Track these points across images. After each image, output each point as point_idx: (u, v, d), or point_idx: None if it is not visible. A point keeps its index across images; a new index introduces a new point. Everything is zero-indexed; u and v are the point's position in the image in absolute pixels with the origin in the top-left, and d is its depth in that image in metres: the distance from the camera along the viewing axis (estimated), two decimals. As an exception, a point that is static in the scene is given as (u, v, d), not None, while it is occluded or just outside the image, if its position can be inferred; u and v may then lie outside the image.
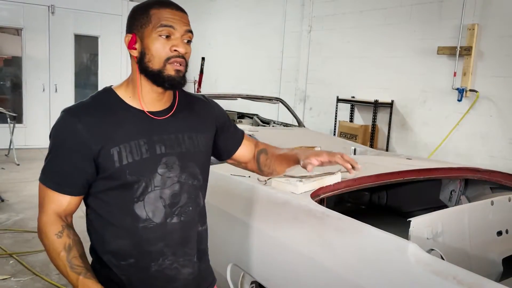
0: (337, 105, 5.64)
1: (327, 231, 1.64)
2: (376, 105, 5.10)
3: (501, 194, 2.34)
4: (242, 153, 1.51)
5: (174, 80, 1.21)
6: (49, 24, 7.98)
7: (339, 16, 5.81)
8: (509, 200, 2.16)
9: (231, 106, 5.20)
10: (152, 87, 1.24)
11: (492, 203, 2.06)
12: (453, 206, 2.54)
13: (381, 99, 5.10)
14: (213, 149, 1.45)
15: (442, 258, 1.60)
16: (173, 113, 1.29)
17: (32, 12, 7.82)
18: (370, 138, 5.18)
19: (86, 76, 8.74)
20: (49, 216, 1.20)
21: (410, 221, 1.70)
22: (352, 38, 5.62)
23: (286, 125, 4.90)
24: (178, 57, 1.20)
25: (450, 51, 4.38)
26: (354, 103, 5.54)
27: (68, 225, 1.22)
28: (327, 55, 6.03)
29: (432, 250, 1.67)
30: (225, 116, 1.49)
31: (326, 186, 1.99)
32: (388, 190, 3.01)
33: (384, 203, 3.05)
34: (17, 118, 6.99)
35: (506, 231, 2.10)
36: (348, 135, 5.33)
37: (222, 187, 2.17)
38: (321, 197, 1.96)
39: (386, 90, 5.13)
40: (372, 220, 1.76)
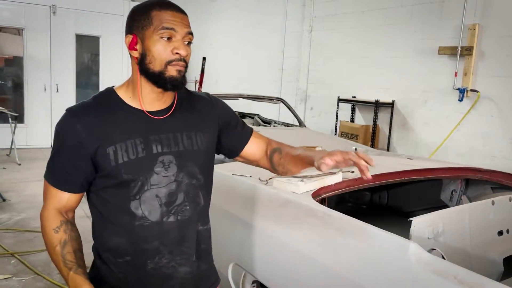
0: (338, 105, 5.65)
1: (328, 231, 1.65)
2: (377, 105, 5.10)
3: (502, 194, 2.34)
4: (251, 151, 1.49)
5: (176, 80, 1.22)
6: (50, 24, 7.98)
7: (340, 16, 5.81)
8: (510, 200, 2.16)
9: (232, 106, 5.13)
10: (152, 88, 1.24)
11: (493, 203, 2.07)
12: (454, 206, 2.54)
13: (382, 99, 5.10)
14: (219, 147, 1.45)
15: (443, 258, 1.61)
16: (172, 112, 1.29)
17: (34, 12, 7.83)
18: (371, 138, 5.18)
19: (87, 76, 8.75)
20: (49, 211, 1.25)
21: (411, 220, 1.71)
22: (353, 38, 5.62)
23: (287, 125, 4.90)
24: (179, 60, 1.21)
25: (451, 51, 4.38)
26: (355, 103, 5.54)
27: (67, 221, 1.26)
28: (328, 55, 6.03)
29: (433, 249, 1.67)
30: (230, 114, 1.47)
31: (327, 186, 1.99)
32: (389, 190, 3.02)
33: (385, 203, 3.05)
34: (19, 118, 7.00)
35: (507, 231, 2.10)
36: (349, 135, 5.33)
37: (224, 186, 2.17)
38: (322, 197, 1.96)
39: (387, 90, 5.13)
40: (373, 220, 1.76)
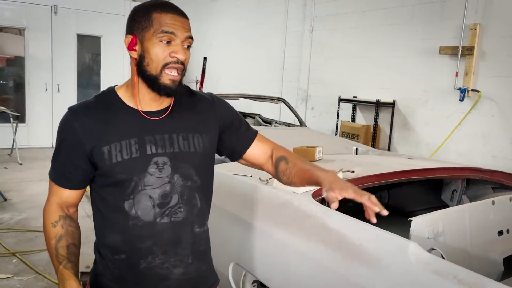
0: (339, 105, 5.65)
1: (328, 231, 1.65)
2: (378, 105, 5.10)
3: (503, 194, 2.34)
4: (255, 154, 1.45)
5: (170, 89, 1.22)
6: (51, 24, 8.00)
7: (341, 16, 5.81)
8: (510, 199, 2.16)
9: (233, 106, 5.18)
10: (149, 89, 1.24)
11: (493, 203, 2.07)
12: (454, 206, 2.54)
13: (383, 99, 5.10)
14: (222, 149, 1.44)
15: (443, 258, 1.61)
16: (170, 113, 1.29)
17: (35, 12, 7.85)
18: (372, 138, 5.18)
19: (88, 76, 8.76)
20: (50, 206, 1.30)
21: (411, 220, 1.71)
22: (354, 38, 5.62)
23: (288, 125, 4.91)
24: (177, 63, 1.20)
25: (452, 51, 4.38)
26: (356, 103, 5.54)
27: (66, 216, 1.29)
28: (329, 55, 6.03)
29: (433, 249, 1.67)
30: (233, 115, 1.45)
31: (327, 186, 1.99)
32: (390, 190, 3.01)
33: (386, 203, 3.05)
34: (20, 118, 7.02)
35: (507, 231, 2.10)
36: (350, 135, 5.33)
37: (224, 186, 2.17)
38: (323, 197, 1.96)
39: (388, 90, 5.13)
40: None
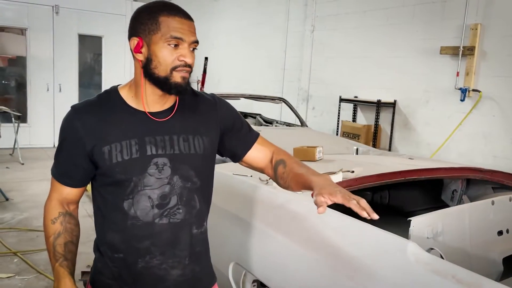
0: (339, 104, 5.65)
1: (328, 231, 1.66)
2: (378, 105, 5.10)
3: (503, 194, 2.34)
4: (255, 157, 1.45)
5: (181, 86, 1.22)
6: (53, 24, 8.02)
7: (342, 16, 5.81)
8: (510, 199, 2.16)
9: (234, 106, 5.18)
10: (154, 90, 1.24)
11: (492, 203, 2.07)
12: (454, 206, 2.54)
13: (384, 99, 5.10)
14: (223, 150, 1.44)
15: (442, 257, 1.61)
16: (173, 114, 1.29)
17: (36, 12, 7.86)
18: (373, 138, 5.18)
19: (90, 75, 8.78)
20: (51, 203, 1.31)
21: (410, 220, 1.71)
22: (354, 38, 5.62)
23: (289, 124, 4.91)
24: (185, 66, 1.21)
25: (453, 51, 4.37)
26: (356, 103, 5.54)
27: (65, 213, 1.31)
28: (329, 55, 6.03)
29: (432, 249, 1.67)
30: (234, 117, 1.45)
31: (327, 186, 1.99)
32: (390, 189, 3.01)
33: (386, 203, 3.05)
34: (22, 118, 7.03)
35: (507, 231, 2.10)
36: (351, 134, 5.33)
37: (224, 186, 2.18)
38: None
39: (389, 90, 5.13)
40: (374, 220, 1.76)
